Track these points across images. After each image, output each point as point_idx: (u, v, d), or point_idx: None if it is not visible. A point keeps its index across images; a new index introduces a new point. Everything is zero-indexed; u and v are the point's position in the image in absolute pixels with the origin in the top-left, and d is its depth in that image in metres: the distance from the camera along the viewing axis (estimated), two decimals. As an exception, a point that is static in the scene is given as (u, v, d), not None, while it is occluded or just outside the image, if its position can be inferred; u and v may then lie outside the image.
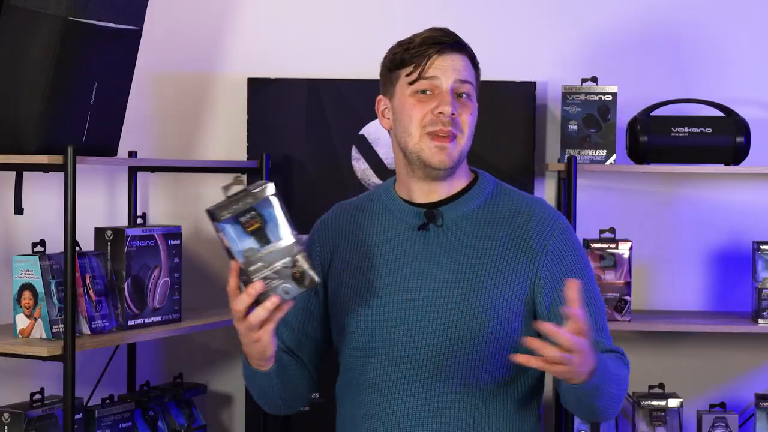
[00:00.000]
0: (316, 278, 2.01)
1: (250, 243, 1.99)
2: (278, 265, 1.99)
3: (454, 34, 2.22)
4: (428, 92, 2.18)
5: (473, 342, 2.16)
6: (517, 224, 2.21)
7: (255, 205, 1.99)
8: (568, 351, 1.91)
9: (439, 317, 2.16)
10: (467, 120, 2.19)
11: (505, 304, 2.17)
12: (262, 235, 1.99)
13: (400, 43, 2.23)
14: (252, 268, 1.98)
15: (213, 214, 1.97)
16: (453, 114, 2.16)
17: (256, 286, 1.98)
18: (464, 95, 2.19)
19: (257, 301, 2.00)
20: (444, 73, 2.17)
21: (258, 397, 2.27)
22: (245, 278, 2.00)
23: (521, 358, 1.93)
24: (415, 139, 2.18)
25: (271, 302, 1.99)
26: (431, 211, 2.22)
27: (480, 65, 2.25)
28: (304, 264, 2.00)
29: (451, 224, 2.22)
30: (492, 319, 2.16)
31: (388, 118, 2.26)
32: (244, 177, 2.09)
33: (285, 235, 2.00)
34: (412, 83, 2.18)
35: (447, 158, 2.17)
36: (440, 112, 2.15)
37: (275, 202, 2.01)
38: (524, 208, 2.24)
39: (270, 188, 2.01)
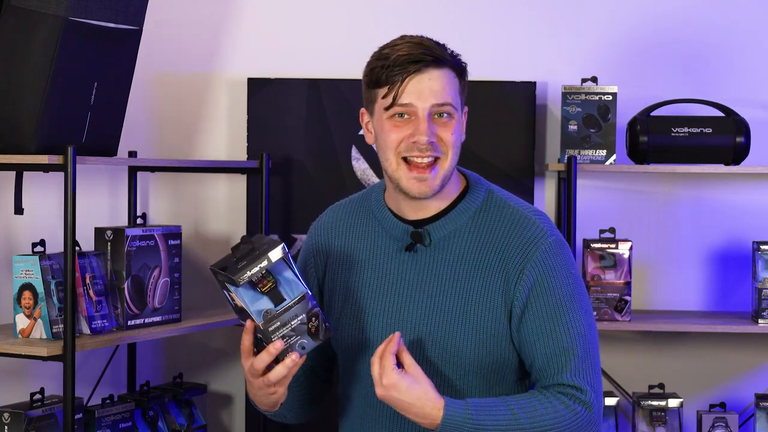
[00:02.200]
0: (331, 330, 2.06)
1: (265, 303, 2.01)
2: (295, 322, 2.02)
3: (433, 48, 2.10)
4: (405, 116, 2.10)
5: (461, 366, 2.12)
6: (500, 244, 2.13)
7: (269, 268, 2.00)
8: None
9: (426, 342, 2.13)
10: (448, 140, 2.10)
11: (489, 328, 2.12)
12: (276, 293, 2.01)
13: (378, 55, 2.12)
14: (271, 328, 2.01)
15: (232, 280, 1.98)
16: (431, 141, 2.08)
17: (277, 346, 2.01)
18: (444, 115, 2.10)
19: (276, 359, 2.03)
20: (419, 97, 2.07)
21: (270, 417, 2.28)
22: (262, 337, 2.02)
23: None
24: (393, 166, 2.12)
25: (291, 360, 2.02)
26: (418, 232, 2.15)
27: (467, 68, 2.16)
28: (318, 319, 2.03)
29: (438, 243, 2.16)
30: (476, 344, 2.11)
31: (371, 132, 2.19)
32: (251, 237, 2.07)
33: (297, 291, 2.02)
34: (387, 108, 2.10)
35: (428, 189, 2.10)
36: (415, 141, 2.08)
37: (286, 259, 2.01)
38: (510, 226, 2.14)
39: (282, 250, 2.00)
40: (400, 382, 2.01)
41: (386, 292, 2.17)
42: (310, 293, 2.03)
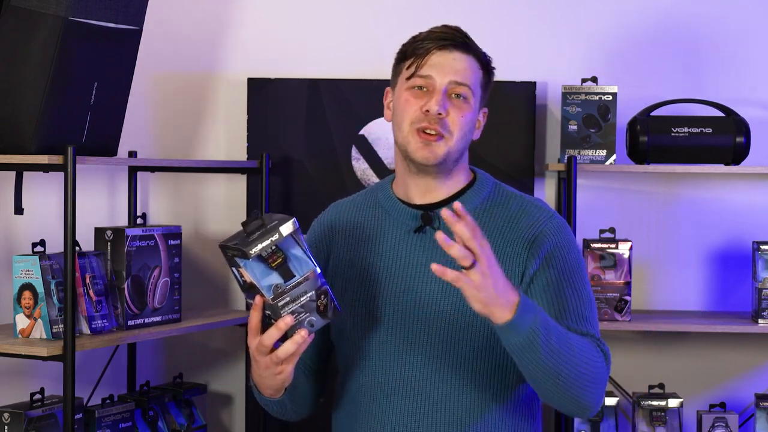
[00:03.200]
0: (339, 309, 2.04)
1: (275, 278, 1.99)
2: (304, 298, 2.00)
3: (463, 35, 2.18)
4: (423, 89, 2.15)
5: (470, 346, 2.14)
6: (509, 227, 2.18)
7: (279, 243, 1.99)
8: (467, 256, 1.88)
9: (436, 322, 2.14)
10: (457, 121, 2.14)
11: None
12: (285, 269, 1.99)
13: (414, 36, 2.20)
14: (281, 303, 1.99)
15: (243, 252, 1.96)
16: (440, 114, 2.12)
17: (287, 321, 1.99)
18: (460, 96, 2.15)
19: (284, 336, 2.01)
20: (440, 71, 2.14)
21: (272, 413, 2.27)
22: (271, 313, 2.01)
23: (436, 267, 1.88)
24: (403, 134, 2.16)
25: (300, 336, 1.99)
26: (428, 213, 2.19)
27: (494, 71, 2.22)
28: (327, 297, 2.02)
29: (447, 226, 2.20)
30: (486, 322, 2.10)
31: (390, 110, 2.24)
32: (260, 213, 2.06)
33: (307, 268, 2.01)
34: (408, 78, 2.16)
35: (431, 155, 2.14)
36: (427, 110, 2.13)
37: (296, 235, 2.00)
38: (519, 210, 2.20)
39: (292, 225, 1.99)
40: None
41: (394, 274, 2.18)
42: (319, 271, 2.02)
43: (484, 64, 2.20)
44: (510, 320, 1.95)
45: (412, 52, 2.16)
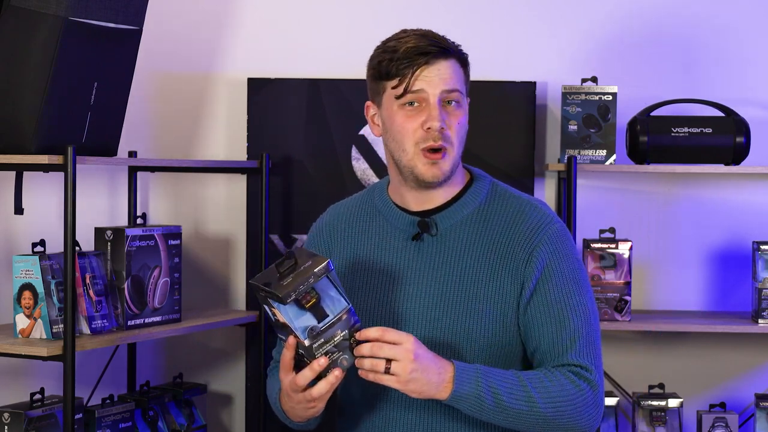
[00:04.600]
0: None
1: (309, 319, 1.99)
2: (338, 338, 2.01)
3: (439, 40, 2.16)
4: (416, 104, 2.14)
5: (468, 355, 2.13)
6: (507, 231, 2.17)
7: (314, 285, 2.00)
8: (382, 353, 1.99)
9: (434, 330, 2.14)
10: (455, 129, 2.15)
11: (497, 315, 2.14)
12: (318, 309, 2.00)
13: (384, 48, 2.16)
14: (315, 345, 2.00)
15: (279, 298, 1.96)
16: (442, 128, 2.12)
17: (321, 363, 2.01)
18: (453, 102, 2.15)
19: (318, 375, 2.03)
20: (430, 84, 2.13)
21: (291, 426, 2.27)
22: (304, 353, 2.01)
23: (361, 374, 2.01)
24: (409, 155, 2.15)
25: (335, 377, 2.02)
26: (425, 221, 2.19)
27: (469, 59, 2.21)
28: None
29: (445, 233, 2.18)
30: (485, 332, 2.13)
31: (378, 125, 2.22)
32: (294, 251, 2.06)
33: (340, 307, 2.01)
34: (398, 97, 2.14)
35: (440, 173, 2.15)
36: (429, 128, 2.12)
37: (330, 275, 2.00)
38: (516, 213, 2.19)
39: (326, 267, 2.00)
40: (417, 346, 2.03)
41: (392, 282, 2.18)
42: (353, 309, 2.02)
43: (462, 59, 2.19)
44: (451, 395, 2.02)
45: (396, 71, 2.13)
